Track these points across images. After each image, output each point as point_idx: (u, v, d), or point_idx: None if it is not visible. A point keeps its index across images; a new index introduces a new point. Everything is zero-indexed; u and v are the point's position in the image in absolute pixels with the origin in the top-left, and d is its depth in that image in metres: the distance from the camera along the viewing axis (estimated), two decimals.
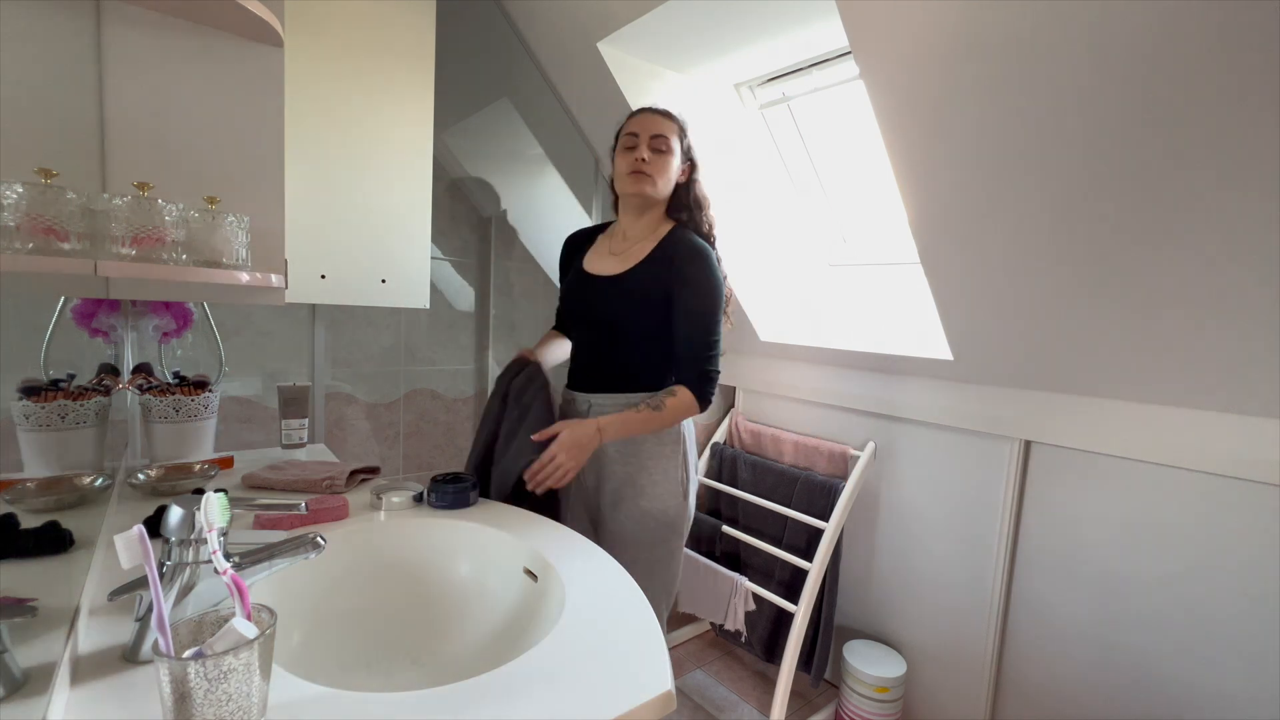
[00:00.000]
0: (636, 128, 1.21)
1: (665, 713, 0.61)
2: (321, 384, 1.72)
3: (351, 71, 1.45)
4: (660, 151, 1.19)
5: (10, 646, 0.49)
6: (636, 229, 1.25)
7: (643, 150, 1.18)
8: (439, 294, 2.51)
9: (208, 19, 0.89)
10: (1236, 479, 1.16)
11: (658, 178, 1.19)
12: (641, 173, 1.18)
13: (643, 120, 1.21)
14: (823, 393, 1.85)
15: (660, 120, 1.21)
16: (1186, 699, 1.23)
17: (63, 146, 0.78)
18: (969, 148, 1.10)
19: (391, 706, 0.56)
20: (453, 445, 2.62)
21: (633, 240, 1.25)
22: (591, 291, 1.26)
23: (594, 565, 0.88)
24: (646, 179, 1.19)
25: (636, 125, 1.21)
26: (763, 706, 1.77)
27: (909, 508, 1.69)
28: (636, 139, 1.20)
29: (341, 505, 0.99)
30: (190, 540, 0.62)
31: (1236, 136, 0.85)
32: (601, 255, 1.28)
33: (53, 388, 0.90)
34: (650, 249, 1.21)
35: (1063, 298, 1.20)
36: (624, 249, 1.25)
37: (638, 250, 1.22)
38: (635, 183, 1.19)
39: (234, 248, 0.89)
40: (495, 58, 2.00)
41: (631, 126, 1.22)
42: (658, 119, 1.21)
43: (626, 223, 1.26)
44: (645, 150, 1.18)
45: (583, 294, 1.28)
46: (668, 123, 1.21)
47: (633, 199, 1.22)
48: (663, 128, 1.20)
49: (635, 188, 1.19)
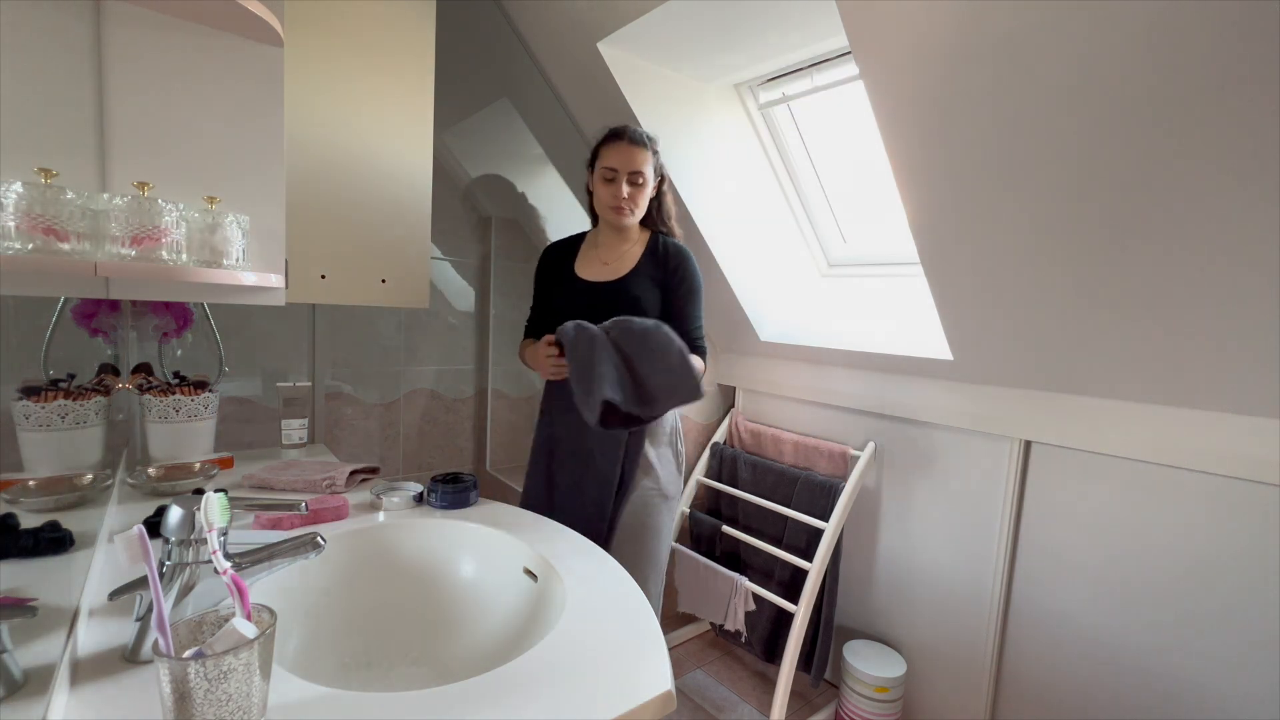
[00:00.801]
0: (615, 163, 1.31)
1: (665, 713, 0.61)
2: (321, 384, 1.72)
3: (351, 71, 1.45)
4: (638, 185, 1.32)
5: (10, 646, 0.49)
6: (621, 240, 1.39)
7: (622, 188, 1.31)
8: (439, 294, 2.51)
9: (208, 19, 0.89)
10: (1236, 479, 1.16)
11: (637, 209, 1.34)
12: (623, 208, 1.32)
13: (621, 155, 1.31)
14: (823, 393, 1.85)
15: (636, 155, 1.31)
16: (1187, 699, 1.23)
17: (63, 146, 0.78)
18: (969, 148, 1.10)
19: (391, 706, 0.56)
20: (453, 445, 2.62)
21: (621, 250, 1.39)
22: (594, 296, 1.35)
23: (594, 565, 0.88)
24: (628, 213, 1.33)
25: (615, 160, 1.31)
26: (763, 706, 1.77)
27: (909, 507, 1.69)
28: (616, 174, 1.31)
29: (341, 505, 0.99)
30: (190, 540, 0.62)
31: (1236, 136, 0.85)
32: (593, 264, 1.39)
33: (53, 388, 0.90)
34: (639, 255, 1.37)
35: (1063, 297, 1.20)
36: (614, 258, 1.38)
37: (629, 257, 1.37)
38: (617, 215, 1.34)
39: (234, 248, 0.89)
40: (495, 58, 2.00)
41: (610, 159, 1.32)
42: (634, 154, 1.30)
43: (609, 236, 1.40)
44: (625, 187, 1.31)
45: (584, 299, 1.35)
46: (642, 155, 1.31)
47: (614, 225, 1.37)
48: (638, 162, 1.31)
49: (617, 219, 1.34)
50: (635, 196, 1.32)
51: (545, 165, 2.33)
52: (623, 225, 1.36)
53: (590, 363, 1.19)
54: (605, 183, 1.33)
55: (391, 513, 1.02)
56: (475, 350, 2.66)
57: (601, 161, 1.33)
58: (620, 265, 1.36)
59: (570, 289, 1.39)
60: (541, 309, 1.47)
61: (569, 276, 1.40)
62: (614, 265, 1.37)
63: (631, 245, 1.39)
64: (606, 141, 1.34)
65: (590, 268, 1.39)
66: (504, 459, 2.89)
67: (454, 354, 2.58)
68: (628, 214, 1.33)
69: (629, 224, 1.36)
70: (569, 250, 1.45)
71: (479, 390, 2.71)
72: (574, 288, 1.38)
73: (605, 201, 1.34)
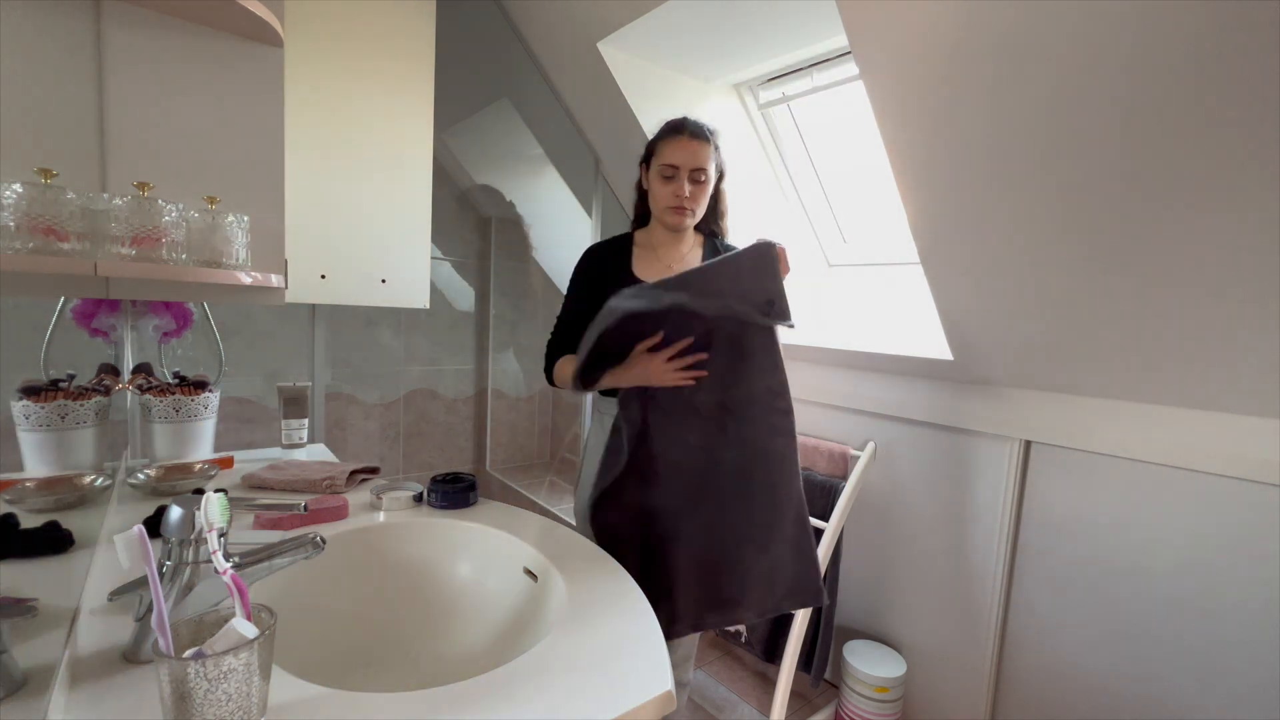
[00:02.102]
0: (677, 159, 1.17)
1: (665, 713, 0.61)
2: (321, 384, 1.72)
3: (351, 71, 1.45)
4: (700, 183, 1.19)
5: (10, 646, 0.49)
6: (679, 241, 1.28)
7: (684, 187, 1.18)
8: (439, 294, 2.51)
9: (208, 19, 0.89)
10: (1236, 479, 1.16)
11: (698, 209, 1.21)
12: (683, 208, 1.19)
13: (683, 151, 1.17)
14: (823, 393, 1.85)
15: (699, 151, 1.18)
16: (1187, 699, 1.23)
17: (63, 146, 0.78)
18: (969, 147, 1.10)
19: (391, 706, 0.56)
20: (453, 445, 2.62)
21: (681, 252, 1.28)
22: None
23: (594, 565, 0.88)
24: (688, 214, 1.20)
25: (677, 155, 1.18)
26: (763, 706, 1.77)
27: (909, 508, 1.69)
28: (677, 171, 1.18)
29: (341, 505, 0.99)
30: (190, 540, 0.62)
31: (1236, 136, 0.85)
32: (653, 265, 1.27)
33: (53, 388, 0.90)
34: (700, 258, 1.28)
35: (1063, 297, 1.20)
36: (675, 259, 1.27)
37: (691, 259, 1.28)
38: (677, 216, 1.20)
39: (234, 248, 0.89)
40: (495, 58, 2.00)
41: (670, 155, 1.18)
42: (697, 150, 1.17)
43: (665, 237, 1.27)
44: (686, 185, 1.18)
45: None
46: (705, 150, 1.18)
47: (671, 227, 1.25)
48: (701, 159, 1.17)
49: (677, 221, 1.21)
50: (697, 196, 1.19)
51: (545, 165, 2.33)
52: (682, 227, 1.22)
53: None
54: (664, 181, 1.19)
55: (391, 513, 1.02)
56: (475, 350, 2.66)
57: (660, 158, 1.20)
58: (684, 267, 1.24)
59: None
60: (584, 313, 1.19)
61: (628, 277, 1.24)
62: (678, 268, 1.25)
63: (691, 248, 1.28)
64: (665, 136, 1.20)
65: (651, 270, 1.25)
66: (504, 459, 2.89)
67: (454, 354, 2.58)
68: (688, 215, 1.20)
69: (688, 225, 1.22)
70: (620, 251, 1.29)
71: (479, 390, 2.71)
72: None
73: (664, 202, 1.20)
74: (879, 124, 1.18)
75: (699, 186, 1.19)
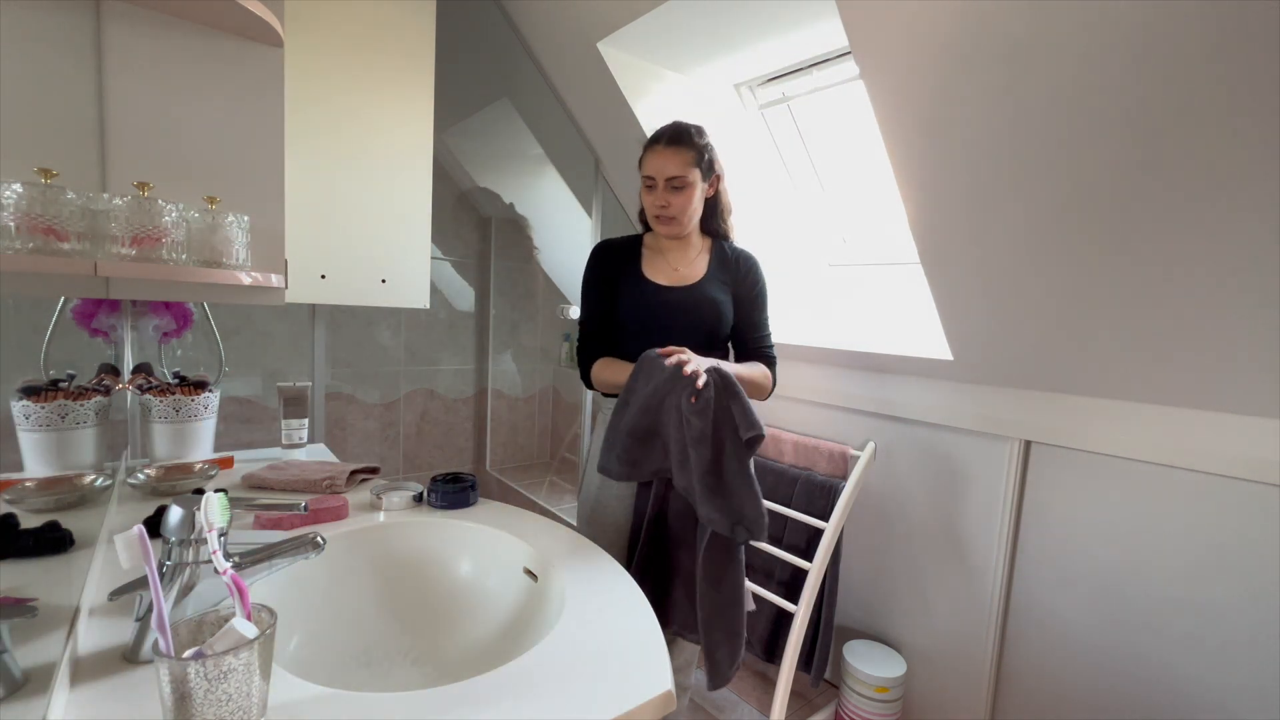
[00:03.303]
0: (652, 169, 1.20)
1: (665, 713, 0.61)
2: (321, 384, 1.72)
3: (351, 71, 1.45)
4: (678, 189, 1.20)
5: (10, 646, 0.49)
6: (685, 247, 1.30)
7: (661, 196, 1.20)
8: (439, 294, 2.51)
9: (208, 19, 0.89)
10: (1236, 479, 1.15)
11: (682, 216, 1.22)
12: (665, 217, 1.22)
13: (657, 160, 1.20)
14: (823, 393, 1.85)
15: (672, 160, 1.19)
16: (1187, 699, 1.23)
17: (63, 146, 0.78)
18: (969, 147, 1.10)
19: (391, 706, 0.56)
20: (452, 445, 2.62)
21: (689, 257, 1.30)
22: (670, 300, 1.25)
23: (594, 565, 0.88)
24: (673, 222, 1.23)
25: (652, 166, 1.20)
26: (763, 706, 1.77)
27: (909, 508, 1.69)
28: (655, 181, 1.20)
29: (341, 505, 0.99)
30: (190, 540, 0.62)
31: (1236, 137, 0.85)
32: (662, 268, 1.28)
33: (53, 388, 0.90)
34: (708, 262, 1.29)
35: (1063, 297, 1.20)
36: (684, 264, 1.29)
37: (699, 264, 1.29)
38: (663, 225, 1.24)
39: (234, 248, 0.89)
40: (495, 58, 2.00)
41: (648, 167, 1.21)
42: (670, 158, 1.19)
43: (672, 243, 1.30)
44: (664, 195, 1.20)
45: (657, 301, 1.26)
46: (680, 157, 1.19)
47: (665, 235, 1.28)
48: (675, 167, 1.18)
49: (664, 229, 1.25)
50: (677, 203, 1.20)
51: (545, 165, 2.33)
52: (671, 234, 1.25)
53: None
54: (646, 191, 1.23)
55: (391, 513, 1.02)
56: (475, 350, 2.66)
57: (641, 169, 1.24)
58: (691, 272, 1.27)
59: (641, 291, 1.26)
60: (606, 313, 1.30)
61: (637, 278, 1.27)
62: (685, 272, 1.27)
63: (699, 253, 1.30)
64: (646, 146, 1.23)
65: (661, 272, 1.27)
66: (504, 459, 2.89)
67: (454, 354, 2.58)
68: (673, 223, 1.22)
69: (677, 232, 1.25)
70: (630, 251, 1.31)
71: (479, 390, 2.71)
72: (645, 290, 1.26)
73: (649, 211, 1.25)
74: (879, 124, 1.18)
75: (678, 194, 1.20)
